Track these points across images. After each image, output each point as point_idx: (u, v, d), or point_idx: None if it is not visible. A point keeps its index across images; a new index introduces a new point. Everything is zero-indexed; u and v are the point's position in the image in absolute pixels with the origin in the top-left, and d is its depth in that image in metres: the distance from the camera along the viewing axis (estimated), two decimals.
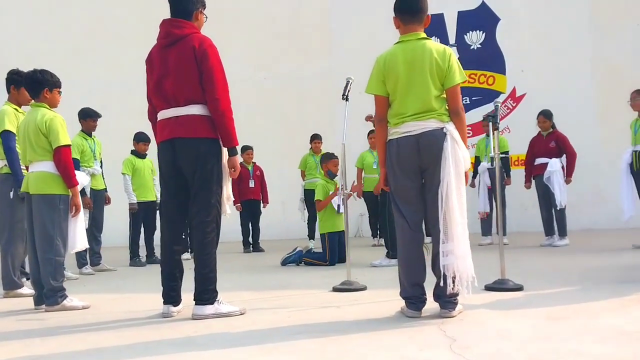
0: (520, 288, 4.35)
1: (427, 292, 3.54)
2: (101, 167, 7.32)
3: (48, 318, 4.06)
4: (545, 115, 8.19)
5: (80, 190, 4.60)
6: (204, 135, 3.78)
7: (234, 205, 8.20)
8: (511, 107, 11.68)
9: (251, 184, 9.38)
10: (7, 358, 2.96)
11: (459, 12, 11.94)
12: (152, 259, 8.05)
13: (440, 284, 3.41)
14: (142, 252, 8.06)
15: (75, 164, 5.60)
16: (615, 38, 11.35)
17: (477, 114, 10.02)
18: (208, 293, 3.75)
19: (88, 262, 7.07)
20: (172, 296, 3.89)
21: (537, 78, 11.54)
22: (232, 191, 4.10)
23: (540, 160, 8.15)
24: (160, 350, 2.96)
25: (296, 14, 12.75)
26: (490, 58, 11.73)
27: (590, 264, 5.84)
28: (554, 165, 7.94)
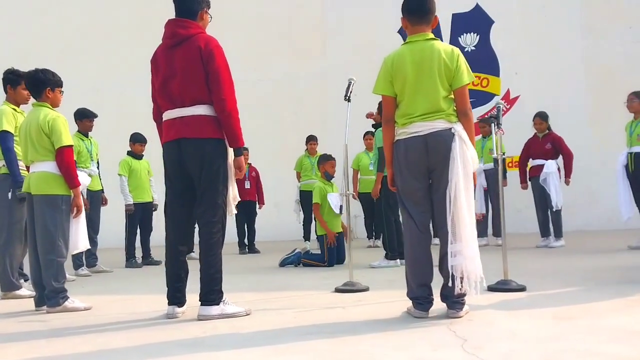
0: (523, 289, 4.37)
1: (434, 292, 3.54)
2: (98, 168, 7.27)
3: (51, 319, 4.02)
4: (542, 117, 8.25)
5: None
6: (210, 136, 3.77)
7: None
8: (505, 109, 11.71)
9: (247, 185, 9.34)
10: (15, 359, 2.93)
11: (453, 15, 11.99)
12: (148, 260, 8.02)
13: (449, 284, 3.40)
14: (138, 253, 8.02)
15: None
16: (607, 40, 11.46)
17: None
18: (214, 294, 3.73)
19: (84, 263, 7.02)
20: (177, 297, 3.87)
21: (531, 80, 11.63)
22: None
23: (536, 162, 8.21)
24: (170, 351, 2.93)
25: (290, 16, 12.76)
26: (485, 60, 11.79)
27: (589, 264, 5.88)
28: (550, 167, 8.00)
